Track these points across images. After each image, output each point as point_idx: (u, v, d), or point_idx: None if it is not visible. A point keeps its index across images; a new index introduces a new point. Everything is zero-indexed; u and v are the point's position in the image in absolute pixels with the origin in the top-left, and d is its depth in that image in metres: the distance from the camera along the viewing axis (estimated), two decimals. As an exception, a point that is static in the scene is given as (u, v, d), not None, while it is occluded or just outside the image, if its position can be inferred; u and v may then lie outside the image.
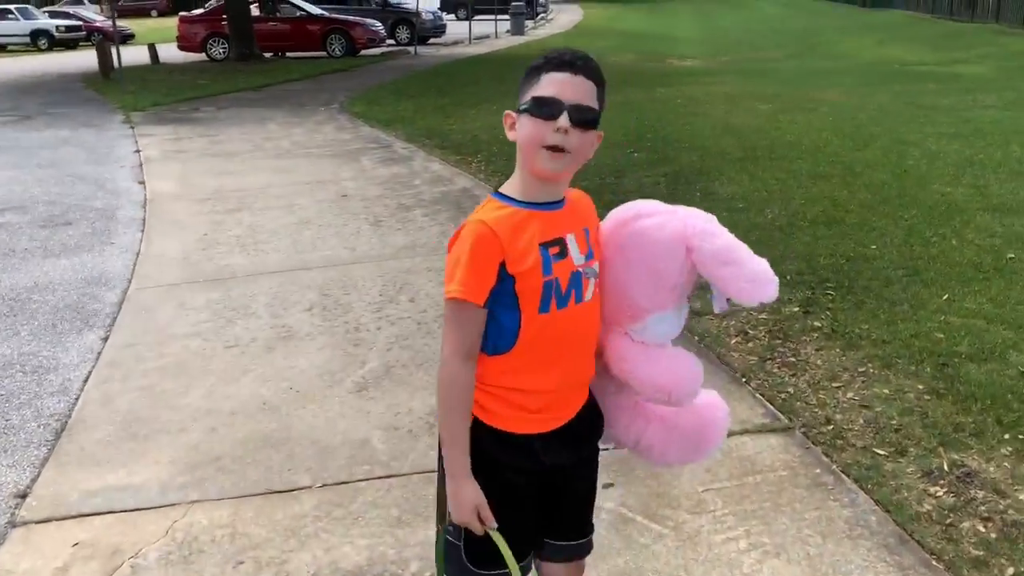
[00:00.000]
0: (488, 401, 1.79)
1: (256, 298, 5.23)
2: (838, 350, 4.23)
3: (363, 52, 25.30)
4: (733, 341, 4.40)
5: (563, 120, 1.67)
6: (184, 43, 24.87)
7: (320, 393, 3.98)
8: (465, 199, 7.54)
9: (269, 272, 5.71)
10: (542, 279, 1.71)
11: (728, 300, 1.80)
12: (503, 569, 1.78)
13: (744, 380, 3.99)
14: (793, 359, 4.18)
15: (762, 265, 1.77)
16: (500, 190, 1.80)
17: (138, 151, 10.31)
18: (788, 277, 5.18)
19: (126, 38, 39.35)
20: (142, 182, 8.59)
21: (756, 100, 12.58)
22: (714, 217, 1.83)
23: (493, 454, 1.80)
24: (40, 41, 37.08)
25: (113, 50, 18.20)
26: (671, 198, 6.86)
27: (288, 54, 25.33)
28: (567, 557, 2.00)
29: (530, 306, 1.73)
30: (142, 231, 6.84)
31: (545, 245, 1.73)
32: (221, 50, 24.39)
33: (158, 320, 4.94)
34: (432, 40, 31.74)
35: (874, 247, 5.65)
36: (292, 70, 20.30)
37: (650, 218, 1.81)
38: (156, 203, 7.72)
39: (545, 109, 1.68)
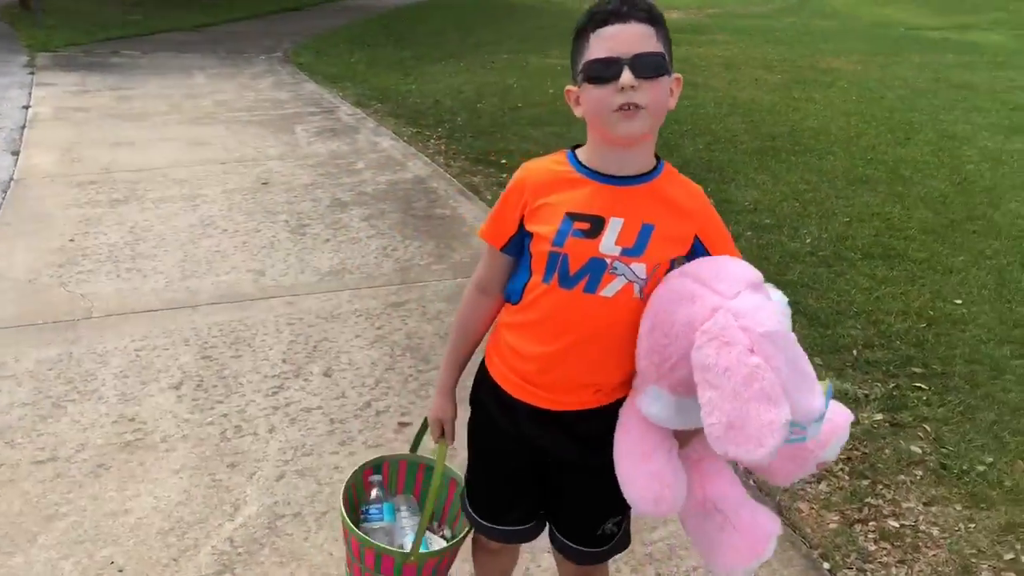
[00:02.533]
0: (494, 350, 1.75)
1: (108, 360, 3.67)
2: (959, 507, 2.80)
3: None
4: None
5: (627, 77, 1.45)
6: (123, -29, 22.59)
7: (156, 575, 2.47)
8: (418, 194, 5.97)
9: (139, 311, 4.14)
10: (549, 248, 1.56)
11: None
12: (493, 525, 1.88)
13: (828, 568, 2.55)
14: (895, 522, 2.74)
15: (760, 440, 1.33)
16: (575, 149, 1.62)
17: (27, 107, 8.53)
18: (855, 352, 3.75)
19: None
20: (16, 153, 6.88)
21: (761, 68, 11.04)
22: (777, 321, 1.37)
23: (484, 401, 1.78)
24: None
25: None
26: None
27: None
28: (574, 559, 1.85)
29: (538, 270, 1.61)
30: (-11, 231, 5.20)
31: (574, 216, 1.55)
32: (164, -20, 22.18)
33: (-48, 400, 3.38)
34: (399, -22, 29.65)
35: (959, 302, 4.22)
36: (239, 7, 18.29)
37: (683, 279, 1.51)
38: (23, 186, 6.04)
39: (604, 72, 1.47)
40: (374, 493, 2.12)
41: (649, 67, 1.46)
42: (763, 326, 1.35)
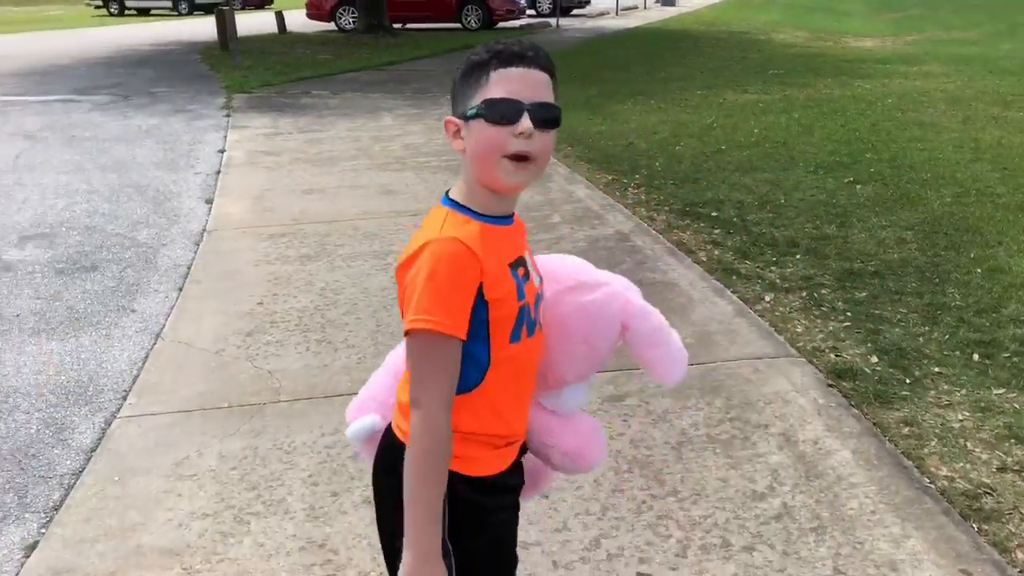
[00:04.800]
0: (464, 448, 1.52)
1: (296, 459, 3.23)
2: None
3: (501, 24, 23.37)
4: None
5: (525, 123, 1.43)
6: (313, 11, 23.55)
7: None
8: (621, 254, 5.37)
9: (329, 395, 3.72)
10: (517, 305, 1.51)
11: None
12: None
13: None
14: None
15: (679, 344, 1.70)
16: (452, 198, 1.52)
17: (223, 151, 8.57)
18: None
19: (263, 3, 38.78)
20: (211, 201, 6.79)
21: (995, 104, 9.79)
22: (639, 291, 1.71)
23: (479, 504, 1.57)
24: (181, 6, 36.87)
25: (236, 17, 16.76)
26: (934, 271, 3.44)
27: (420, 25, 23.61)
28: None
29: (500, 336, 1.51)
30: (180, 290, 4.98)
31: (513, 266, 1.52)
32: (351, 19, 22.90)
33: (117, 527, 3.01)
34: (576, 11, 29.64)
35: None
36: (422, 45, 18.49)
37: (594, 293, 1.66)
38: (214, 238, 5.87)
39: (502, 113, 1.44)
40: None
41: (547, 118, 1.45)
42: None
